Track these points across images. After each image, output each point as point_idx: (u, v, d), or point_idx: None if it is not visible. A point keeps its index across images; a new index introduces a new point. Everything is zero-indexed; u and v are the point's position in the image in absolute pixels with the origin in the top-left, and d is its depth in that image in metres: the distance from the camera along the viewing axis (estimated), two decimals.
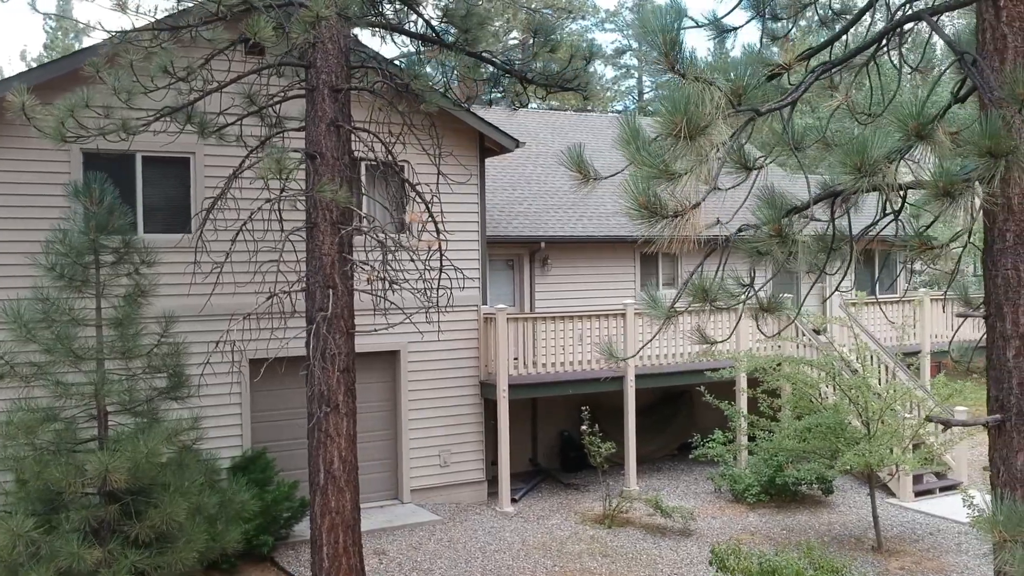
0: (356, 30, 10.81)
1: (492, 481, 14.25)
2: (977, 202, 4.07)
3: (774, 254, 4.40)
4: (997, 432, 4.80)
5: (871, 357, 13.79)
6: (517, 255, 16.57)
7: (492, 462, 14.22)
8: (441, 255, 9.55)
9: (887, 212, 4.79)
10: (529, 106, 13.37)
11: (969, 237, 5.85)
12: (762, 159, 4.67)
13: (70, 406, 8.81)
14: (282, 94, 9.58)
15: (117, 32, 8.10)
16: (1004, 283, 4.75)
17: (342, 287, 8.95)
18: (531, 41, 9.63)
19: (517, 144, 13.97)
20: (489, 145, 14.08)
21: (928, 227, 5.43)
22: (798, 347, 15.39)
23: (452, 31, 10.16)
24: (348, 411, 9.11)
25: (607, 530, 12.93)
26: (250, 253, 9.50)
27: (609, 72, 47.63)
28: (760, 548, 11.65)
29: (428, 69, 9.80)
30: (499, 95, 10.84)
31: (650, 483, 15.40)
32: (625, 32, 48.22)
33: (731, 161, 4.52)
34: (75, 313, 8.79)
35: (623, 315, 14.64)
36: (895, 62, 5.32)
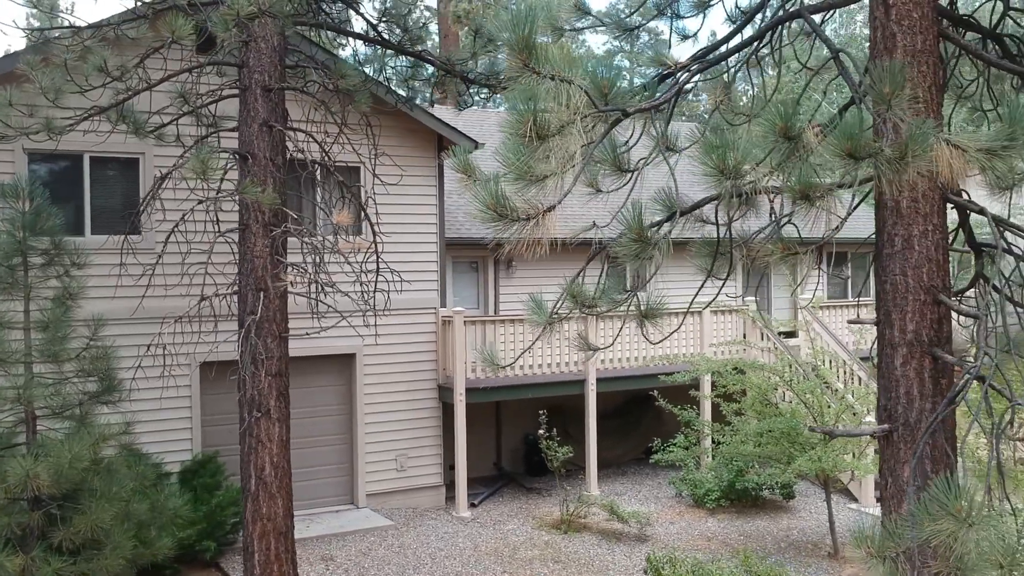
0: (305, 30, 10.68)
1: (451, 485, 14.11)
2: (840, 207, 3.92)
3: (654, 259, 4.26)
4: (886, 443, 4.66)
5: (828, 361, 13.67)
6: (481, 257, 16.43)
7: (451, 466, 14.07)
8: (377, 257, 9.41)
9: (775, 216, 4.65)
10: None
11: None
12: (641, 161, 4.53)
13: None
14: (217, 93, 9.44)
15: (34, 30, 7.96)
16: (892, 289, 4.60)
17: (273, 290, 8.81)
18: (473, 40, 9.48)
19: (476, 145, 13.80)
20: (448, 146, 13.93)
21: (835, 228, 5.28)
22: (762, 351, 15.25)
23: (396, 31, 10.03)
24: (280, 416, 8.96)
25: (563, 535, 12.78)
26: (183, 255, 9.35)
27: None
28: (717, 553, 11.52)
29: (369, 68, 9.64)
30: (458, 96, 10.70)
31: (613, 487, 15.25)
32: (615, 34, 48.06)
33: (605, 163, 4.38)
34: (1, 316, 8.64)
35: (583, 318, 14.48)
36: (788, 59, 5.19)
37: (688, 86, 5.27)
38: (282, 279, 8.22)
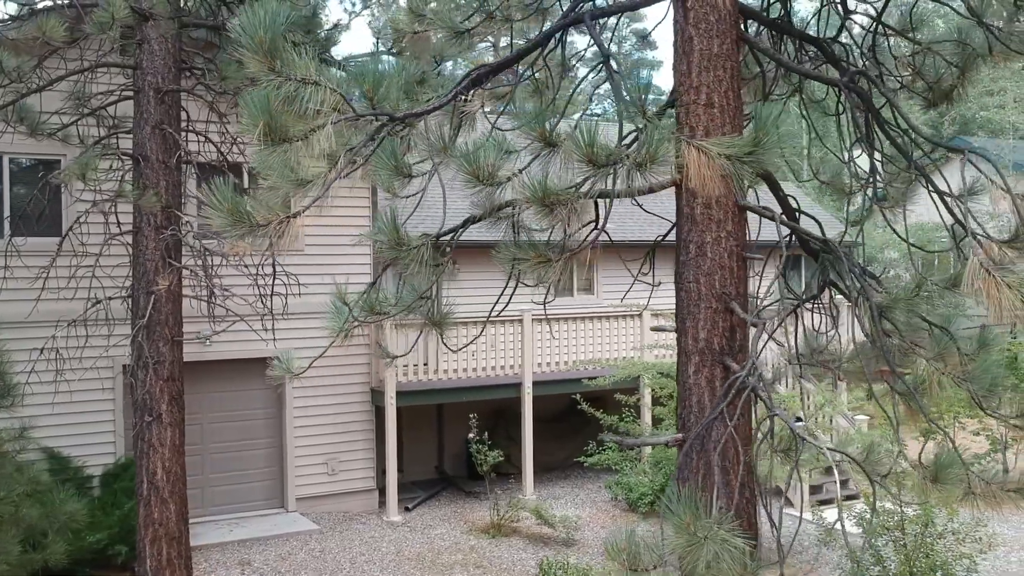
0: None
1: (384, 490, 14.03)
2: (587, 215, 3.85)
3: (434, 265, 4.19)
4: (680, 452, 4.59)
5: None
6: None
7: (383, 470, 14.00)
8: (274, 260, 9.35)
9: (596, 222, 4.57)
10: None
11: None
12: (432, 168, 4.47)
13: None
14: (117, 94, 9.38)
15: None
16: (687, 296, 4.53)
17: (165, 293, 8.75)
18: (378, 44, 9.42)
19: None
20: None
21: (665, 235, 5.22)
22: None
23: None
24: (173, 421, 8.90)
25: (490, 540, 12.71)
26: (76, 257, 9.30)
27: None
28: None
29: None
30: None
31: (552, 491, 15.18)
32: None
33: (385, 168, 4.31)
34: None
35: (520, 321, 14.44)
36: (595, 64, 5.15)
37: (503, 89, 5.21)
38: (161, 283, 8.16)
